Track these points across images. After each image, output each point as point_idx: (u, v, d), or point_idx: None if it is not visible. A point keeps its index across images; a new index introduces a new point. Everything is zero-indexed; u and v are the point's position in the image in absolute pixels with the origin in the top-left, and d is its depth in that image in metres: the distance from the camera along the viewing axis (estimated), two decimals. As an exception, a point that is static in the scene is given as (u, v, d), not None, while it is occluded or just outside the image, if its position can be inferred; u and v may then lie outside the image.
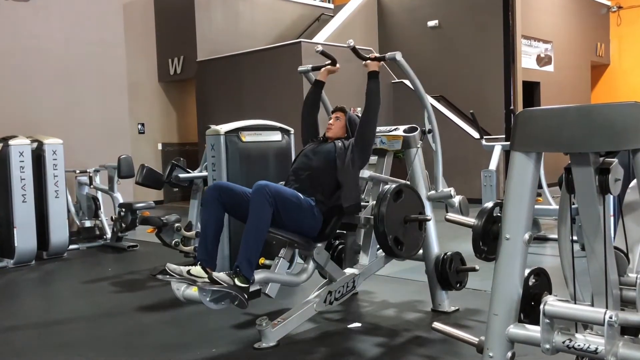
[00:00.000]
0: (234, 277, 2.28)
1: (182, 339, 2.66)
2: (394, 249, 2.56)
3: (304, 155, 2.77)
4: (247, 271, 2.31)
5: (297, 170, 2.71)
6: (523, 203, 1.57)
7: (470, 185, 6.48)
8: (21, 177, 4.45)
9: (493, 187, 4.73)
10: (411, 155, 2.97)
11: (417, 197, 2.73)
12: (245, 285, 2.29)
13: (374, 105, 2.72)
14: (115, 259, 4.85)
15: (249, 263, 2.31)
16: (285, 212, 2.42)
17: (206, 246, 2.44)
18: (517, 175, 1.57)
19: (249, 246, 2.32)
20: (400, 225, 2.60)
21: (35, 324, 3.04)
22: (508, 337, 1.57)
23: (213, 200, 2.46)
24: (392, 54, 2.76)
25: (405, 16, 9.88)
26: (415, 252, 2.71)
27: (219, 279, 2.25)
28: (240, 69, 8.42)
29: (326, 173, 2.62)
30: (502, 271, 1.60)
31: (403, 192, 2.64)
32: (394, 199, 2.58)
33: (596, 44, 11.64)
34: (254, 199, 2.34)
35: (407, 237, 2.62)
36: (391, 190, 2.58)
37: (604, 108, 1.42)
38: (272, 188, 2.39)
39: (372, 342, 2.54)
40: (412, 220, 2.62)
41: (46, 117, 5.87)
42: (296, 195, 2.51)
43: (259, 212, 2.33)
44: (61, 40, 6.13)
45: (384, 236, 2.52)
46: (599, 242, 1.49)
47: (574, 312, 1.48)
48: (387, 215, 2.51)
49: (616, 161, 1.48)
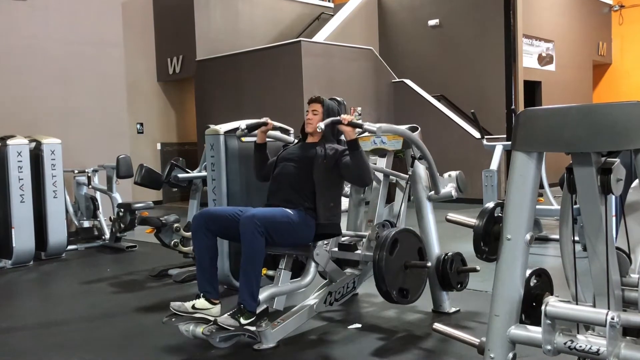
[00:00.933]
0: (239, 317, 2.30)
1: (181, 340, 2.62)
2: (401, 300, 2.53)
3: (282, 164, 2.67)
4: (251, 306, 2.33)
5: (278, 179, 2.64)
6: (524, 203, 1.56)
7: (471, 186, 6.43)
8: (19, 177, 4.44)
9: (494, 187, 4.72)
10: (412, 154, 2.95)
11: (413, 237, 2.64)
12: (251, 320, 2.31)
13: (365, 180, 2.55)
14: (114, 260, 4.83)
15: (251, 297, 2.33)
16: (278, 234, 2.41)
17: (205, 276, 2.45)
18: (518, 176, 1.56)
19: (249, 279, 2.33)
20: (401, 272, 2.53)
21: (33, 325, 3.03)
22: (509, 338, 1.57)
23: (201, 230, 2.45)
24: (373, 128, 2.36)
25: (405, 15, 9.86)
26: (422, 291, 2.64)
27: (224, 325, 2.27)
28: (240, 68, 8.41)
29: (309, 179, 2.56)
30: (503, 272, 1.59)
31: (398, 240, 2.54)
32: (390, 252, 2.49)
33: (598, 43, 11.63)
34: (244, 232, 2.32)
35: (411, 282, 2.57)
36: (387, 243, 2.48)
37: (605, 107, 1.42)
38: (260, 217, 2.35)
39: (372, 343, 2.53)
40: (412, 266, 2.57)
41: (44, 117, 5.85)
42: (286, 215, 2.46)
43: (251, 245, 2.31)
44: (59, 40, 6.11)
45: (389, 294, 2.48)
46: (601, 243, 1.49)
47: (575, 313, 1.48)
48: (387, 272, 2.44)
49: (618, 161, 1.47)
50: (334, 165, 2.56)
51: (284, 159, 2.70)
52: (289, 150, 2.78)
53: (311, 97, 2.74)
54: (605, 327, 1.40)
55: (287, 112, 7.11)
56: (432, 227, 2.91)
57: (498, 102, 7.27)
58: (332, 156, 2.58)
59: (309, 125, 2.68)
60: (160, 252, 4.33)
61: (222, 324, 2.26)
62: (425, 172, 2.94)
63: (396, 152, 3.01)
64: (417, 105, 8.29)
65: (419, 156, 2.80)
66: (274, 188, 2.65)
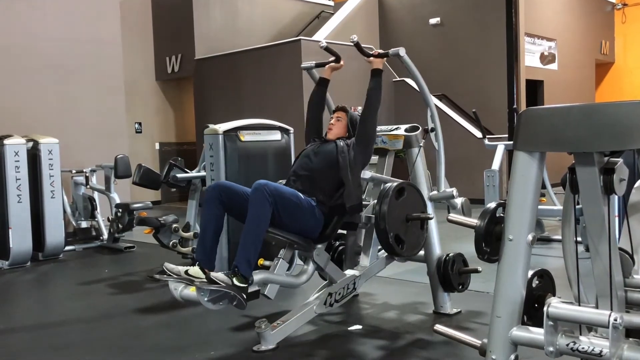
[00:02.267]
0: (232, 277, 2.26)
1: (180, 342, 2.64)
2: (395, 247, 2.53)
3: (304, 156, 2.74)
4: (245, 271, 2.28)
5: (297, 171, 2.69)
6: (526, 203, 1.55)
7: (473, 186, 6.45)
8: (16, 177, 4.41)
9: (496, 187, 4.72)
10: (413, 154, 2.94)
11: (419, 196, 2.70)
12: (243, 285, 2.27)
13: (375, 102, 2.69)
14: (112, 261, 4.82)
15: (247, 263, 2.29)
16: (285, 211, 2.40)
17: (205, 246, 2.43)
18: (520, 175, 1.56)
19: (248, 246, 2.30)
20: (402, 223, 2.57)
21: (30, 326, 3.02)
22: (511, 340, 1.56)
23: (213, 199, 2.44)
24: (396, 50, 2.71)
25: (406, 13, 9.83)
26: (417, 251, 2.68)
27: (217, 279, 2.23)
28: (239, 67, 8.38)
29: (327, 174, 2.60)
30: (505, 273, 1.59)
31: (405, 190, 2.61)
32: (396, 197, 2.55)
33: (601, 41, 11.60)
34: (253, 197, 2.32)
35: (409, 235, 2.60)
36: (393, 188, 2.55)
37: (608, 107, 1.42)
38: (272, 187, 2.36)
39: (373, 345, 2.52)
40: (414, 219, 2.60)
41: (42, 116, 5.82)
42: (296, 195, 2.48)
43: (258, 211, 2.30)
44: (57, 38, 6.08)
45: (385, 234, 2.49)
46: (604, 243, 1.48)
47: (578, 314, 1.48)
48: (388, 213, 2.49)
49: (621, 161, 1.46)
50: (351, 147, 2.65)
51: (304, 155, 2.76)
52: (310, 147, 2.82)
53: (337, 106, 2.88)
54: (608, 328, 1.39)
55: (287, 111, 7.08)
56: (434, 228, 2.90)
57: (500, 101, 7.26)
58: (348, 144, 2.68)
59: (330, 131, 2.79)
60: (158, 252, 4.32)
61: (215, 278, 2.22)
62: (426, 172, 2.93)
63: (397, 152, 3.00)
64: (417, 105, 8.20)
65: (430, 128, 2.88)
66: (293, 179, 2.68)
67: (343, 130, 2.79)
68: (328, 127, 2.81)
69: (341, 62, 2.90)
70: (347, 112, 2.83)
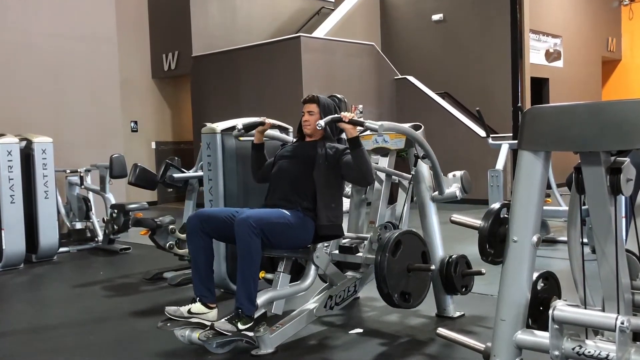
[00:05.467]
0: (237, 322, 2.27)
1: (176, 346, 2.58)
2: (402, 304, 2.49)
3: (279, 163, 2.64)
4: (249, 310, 2.30)
5: (276, 179, 2.61)
6: (531, 204, 1.54)
7: (477, 186, 6.33)
8: (9, 177, 4.36)
9: (500, 187, 4.68)
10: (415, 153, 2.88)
11: (417, 239, 2.61)
12: (249, 325, 2.28)
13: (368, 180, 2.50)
14: (107, 262, 4.79)
15: (249, 300, 2.30)
16: (275, 236, 2.37)
17: (201, 279, 2.42)
18: (525, 175, 1.54)
19: (246, 283, 2.29)
20: (404, 276, 2.50)
21: (23, 330, 2.99)
22: (516, 344, 1.55)
23: (196, 232, 2.42)
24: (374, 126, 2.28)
25: (408, 9, 9.79)
26: (424, 296, 2.60)
27: (221, 330, 2.24)
28: (237, 64, 8.33)
29: (308, 178, 2.51)
30: (509, 275, 1.58)
31: (402, 242, 2.51)
32: (393, 254, 2.46)
33: (607, 38, 11.55)
34: (239, 233, 2.28)
35: (413, 285, 2.53)
36: (390, 244, 2.45)
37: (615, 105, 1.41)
38: (256, 218, 2.31)
39: (374, 349, 2.49)
40: (415, 269, 2.53)
41: (35, 115, 5.76)
42: (282, 216, 2.41)
43: (247, 246, 2.28)
44: (51, 35, 6.01)
45: (390, 297, 2.44)
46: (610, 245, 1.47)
47: (584, 318, 1.47)
48: (388, 273, 2.41)
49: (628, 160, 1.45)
50: (335, 164, 2.51)
51: (282, 157, 2.67)
52: (287, 148, 2.73)
53: (305, 98, 2.65)
54: (614, 332, 1.38)
55: (286, 109, 7.02)
56: (436, 229, 2.87)
57: (504, 99, 7.23)
58: (332, 155, 2.53)
59: (307, 127, 2.63)
60: (155, 254, 4.29)
61: (219, 329, 2.23)
62: (428, 172, 2.90)
63: (399, 152, 2.97)
64: (420, 103, 8.20)
65: (422, 155, 2.75)
66: (272, 187, 2.62)
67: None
68: (303, 124, 2.63)
69: (266, 122, 2.68)
70: (317, 101, 2.60)
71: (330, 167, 2.51)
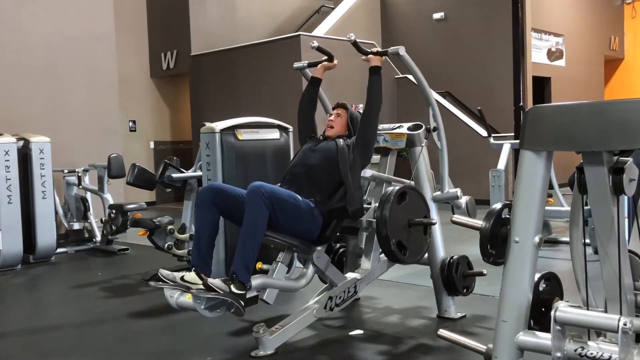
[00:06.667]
0: (230, 284, 2.21)
1: (176, 347, 2.60)
2: (397, 254, 2.47)
3: (302, 153, 2.70)
4: (244, 277, 2.24)
5: (294, 168, 2.64)
6: (533, 204, 1.53)
7: (478, 186, 6.39)
8: (6, 177, 4.34)
9: (502, 187, 4.69)
10: (415, 154, 2.90)
11: (421, 200, 2.65)
12: (242, 292, 2.22)
13: (377, 101, 2.64)
14: (105, 263, 4.77)
15: (245, 268, 2.25)
16: (282, 214, 2.34)
17: (200, 251, 2.38)
18: (526, 175, 1.53)
19: (246, 250, 2.25)
20: (404, 229, 2.51)
21: (21, 331, 2.97)
22: (517, 345, 1.55)
23: (207, 203, 2.39)
24: (395, 49, 2.64)
25: (409, 8, 9.76)
26: (420, 257, 2.63)
27: (214, 286, 2.17)
28: (237, 63, 8.31)
29: (326, 172, 2.55)
30: (511, 276, 1.57)
31: (407, 194, 2.55)
32: (398, 202, 2.49)
33: (610, 37, 11.51)
34: (249, 200, 2.27)
35: (411, 241, 2.54)
36: (395, 192, 2.49)
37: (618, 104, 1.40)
38: (268, 188, 2.31)
39: (374, 350, 2.48)
40: (417, 224, 2.54)
41: (33, 114, 5.73)
42: (293, 197, 2.42)
43: (254, 214, 2.25)
44: (48, 34, 5.97)
45: (387, 241, 2.43)
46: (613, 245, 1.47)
47: (586, 319, 1.46)
48: (390, 219, 2.42)
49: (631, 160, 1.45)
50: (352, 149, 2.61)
51: (301, 152, 2.71)
52: (305, 146, 2.77)
53: (337, 103, 2.83)
54: (617, 333, 1.38)
55: (286, 109, 6.99)
56: (437, 229, 2.85)
57: (506, 98, 7.19)
58: (349, 142, 2.65)
59: (330, 128, 2.73)
60: (153, 255, 4.29)
61: (212, 284, 2.16)
62: (429, 172, 2.87)
63: (399, 151, 2.95)
64: (420, 103, 8.12)
65: (433, 127, 2.83)
66: (289, 177, 2.63)
67: (343, 128, 2.74)
68: (327, 125, 2.76)
69: (334, 61, 2.83)
70: (347, 109, 2.79)
71: (351, 149, 2.59)
